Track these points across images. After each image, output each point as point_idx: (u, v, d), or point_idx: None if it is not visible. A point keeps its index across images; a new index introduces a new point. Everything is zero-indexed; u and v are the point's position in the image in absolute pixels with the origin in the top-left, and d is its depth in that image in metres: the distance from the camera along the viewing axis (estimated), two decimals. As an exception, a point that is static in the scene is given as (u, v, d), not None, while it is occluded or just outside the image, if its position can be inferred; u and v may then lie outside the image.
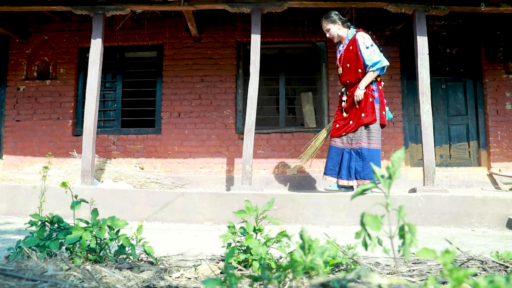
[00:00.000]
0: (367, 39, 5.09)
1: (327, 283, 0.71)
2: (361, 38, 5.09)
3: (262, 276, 0.83)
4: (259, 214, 1.99)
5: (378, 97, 5.09)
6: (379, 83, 5.16)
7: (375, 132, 5.08)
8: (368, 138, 5.05)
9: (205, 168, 7.70)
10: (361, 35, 5.12)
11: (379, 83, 5.15)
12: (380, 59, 4.98)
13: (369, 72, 5.02)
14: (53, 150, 7.83)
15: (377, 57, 4.97)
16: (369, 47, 5.02)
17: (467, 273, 0.74)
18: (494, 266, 2.16)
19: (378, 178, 0.80)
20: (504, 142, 7.59)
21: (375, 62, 4.96)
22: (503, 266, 2.11)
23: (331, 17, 5.29)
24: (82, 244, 1.76)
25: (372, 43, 5.07)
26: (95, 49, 5.99)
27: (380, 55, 5.03)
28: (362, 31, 5.21)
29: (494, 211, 4.92)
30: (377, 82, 5.12)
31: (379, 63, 4.96)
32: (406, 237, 0.77)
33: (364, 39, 5.08)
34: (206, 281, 0.85)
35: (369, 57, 4.99)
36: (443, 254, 0.76)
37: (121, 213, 5.19)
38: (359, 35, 5.13)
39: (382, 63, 4.99)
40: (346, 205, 5.03)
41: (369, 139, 5.05)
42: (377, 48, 5.07)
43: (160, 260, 1.96)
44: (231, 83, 7.86)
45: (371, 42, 5.09)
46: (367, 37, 5.13)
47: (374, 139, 5.07)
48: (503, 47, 7.81)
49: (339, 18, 5.31)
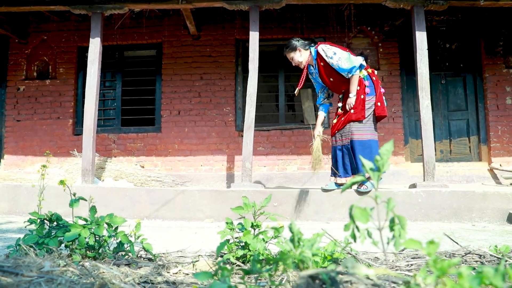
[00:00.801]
0: (327, 50, 4.88)
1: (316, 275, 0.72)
2: (323, 52, 4.90)
3: (252, 270, 0.84)
4: (256, 210, 2.00)
5: (372, 90, 4.94)
6: (372, 74, 5.00)
7: (368, 124, 4.95)
8: (359, 130, 4.94)
9: (205, 166, 7.71)
10: (321, 49, 4.94)
11: (372, 74, 5.00)
12: (349, 65, 4.77)
13: (350, 78, 4.85)
14: (54, 149, 7.85)
15: (345, 63, 4.77)
16: (333, 57, 4.82)
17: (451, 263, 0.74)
18: (492, 260, 2.17)
19: (367, 171, 0.81)
20: (504, 136, 7.59)
21: (346, 69, 4.78)
22: (500, 259, 2.12)
23: (290, 45, 5.09)
24: (80, 241, 1.77)
25: (334, 51, 4.84)
26: (94, 48, 6.00)
27: (347, 59, 4.79)
28: (320, 44, 5.01)
29: (495, 206, 4.93)
30: (370, 74, 4.98)
31: (352, 68, 4.78)
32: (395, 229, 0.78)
33: (325, 52, 4.89)
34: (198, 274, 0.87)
35: (338, 66, 4.80)
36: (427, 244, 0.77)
37: (122, 211, 5.21)
38: (320, 50, 4.95)
39: (354, 65, 4.78)
40: (346, 201, 5.05)
41: (360, 130, 4.94)
42: (340, 53, 4.82)
43: (158, 257, 1.97)
44: (230, 80, 7.87)
45: (332, 50, 4.85)
46: (326, 47, 4.91)
47: (367, 130, 4.94)
48: (503, 42, 7.80)
49: (300, 43, 5.07)
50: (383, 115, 4.99)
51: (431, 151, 5.55)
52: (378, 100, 4.92)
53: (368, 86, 4.92)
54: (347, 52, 4.87)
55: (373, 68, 5.05)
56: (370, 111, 4.95)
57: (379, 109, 4.93)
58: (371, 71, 5.02)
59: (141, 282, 1.33)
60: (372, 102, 4.94)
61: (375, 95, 4.93)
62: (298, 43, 5.07)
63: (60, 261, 1.26)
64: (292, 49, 5.08)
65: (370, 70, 5.03)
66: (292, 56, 5.11)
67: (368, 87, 4.92)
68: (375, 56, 7.87)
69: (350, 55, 4.85)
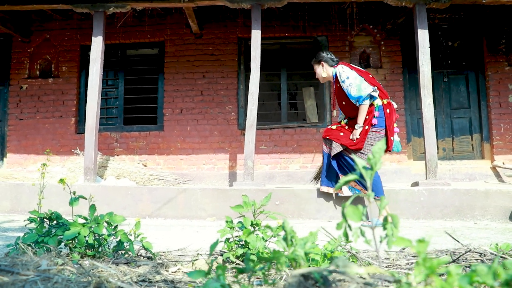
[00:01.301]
0: (342, 73, 4.59)
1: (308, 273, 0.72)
2: (338, 74, 4.63)
3: (246, 268, 0.84)
4: (256, 208, 2.00)
5: (381, 122, 4.56)
6: (387, 106, 4.58)
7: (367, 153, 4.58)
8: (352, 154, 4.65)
9: (207, 164, 7.71)
10: (337, 71, 4.67)
11: (386, 106, 4.58)
12: (357, 93, 4.48)
13: (359, 106, 4.55)
14: (56, 148, 7.87)
15: (354, 91, 4.48)
16: (345, 81, 4.54)
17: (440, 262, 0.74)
18: (492, 258, 2.16)
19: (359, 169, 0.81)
20: (507, 134, 7.57)
21: (354, 96, 4.50)
22: (501, 258, 2.12)
23: (318, 56, 4.85)
24: (80, 240, 1.77)
25: (347, 75, 4.54)
26: (96, 47, 6.01)
27: (358, 87, 4.48)
28: (340, 64, 4.71)
29: (497, 204, 4.91)
30: (384, 106, 4.57)
31: (359, 98, 4.47)
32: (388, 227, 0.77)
33: (340, 74, 4.61)
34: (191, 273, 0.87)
35: (348, 92, 4.54)
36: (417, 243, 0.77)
37: (124, 210, 5.22)
38: (337, 71, 4.67)
39: (361, 95, 4.47)
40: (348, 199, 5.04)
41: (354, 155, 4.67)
42: (353, 78, 4.52)
43: (158, 255, 1.97)
44: (232, 79, 7.87)
45: (346, 74, 4.55)
46: (342, 70, 4.61)
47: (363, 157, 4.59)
48: (505, 39, 7.78)
49: (327, 58, 4.80)
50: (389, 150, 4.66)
51: (433, 149, 5.54)
52: (391, 135, 4.59)
53: (377, 117, 4.55)
54: (361, 78, 4.53)
55: (389, 101, 4.63)
56: (375, 142, 4.56)
57: (391, 146, 4.63)
58: (387, 102, 4.59)
59: (139, 281, 1.33)
60: (380, 134, 4.60)
61: (384, 127, 4.57)
62: (325, 57, 4.80)
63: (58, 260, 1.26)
64: (316, 62, 4.88)
65: (386, 101, 4.59)
66: (316, 68, 4.91)
67: (377, 118, 4.55)
68: (378, 54, 7.85)
69: (363, 82, 4.50)
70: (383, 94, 4.62)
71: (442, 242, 3.25)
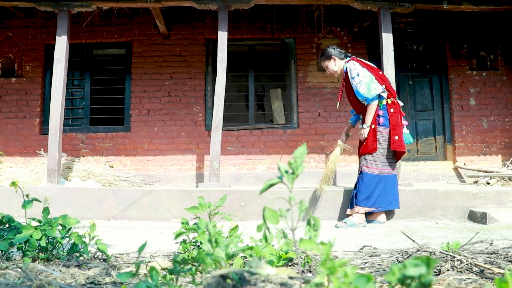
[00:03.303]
0: (353, 69, 4.59)
1: (226, 274, 0.75)
2: (349, 70, 4.64)
3: (174, 269, 0.86)
4: (211, 210, 2.02)
5: (386, 121, 4.56)
6: (391, 105, 4.59)
7: (379, 157, 4.59)
8: (369, 162, 4.60)
9: (175, 166, 7.68)
10: (349, 66, 4.67)
11: (390, 105, 4.59)
12: (366, 92, 4.49)
13: (367, 106, 4.57)
14: (20, 149, 7.71)
15: (363, 89, 4.49)
16: (355, 77, 4.55)
17: (340, 263, 0.78)
18: (441, 256, 2.23)
19: (282, 173, 0.84)
20: (468, 136, 7.79)
21: (362, 95, 4.51)
22: (450, 256, 2.19)
23: (326, 53, 4.83)
24: (32, 243, 1.76)
25: (357, 72, 4.54)
26: (60, 46, 5.91)
27: (367, 86, 4.49)
28: (352, 60, 4.73)
29: (457, 204, 5.05)
30: (388, 105, 4.58)
31: (367, 98, 4.50)
32: (306, 229, 0.81)
33: (350, 70, 4.62)
34: (120, 274, 0.88)
35: (356, 89, 4.55)
36: (322, 245, 0.80)
37: (88, 211, 5.16)
38: (348, 66, 4.68)
39: (368, 96, 4.49)
40: (307, 200, 5.11)
41: (370, 163, 4.60)
42: (363, 76, 4.53)
43: (113, 257, 1.97)
44: (200, 80, 7.86)
45: (356, 71, 4.56)
46: (353, 66, 4.62)
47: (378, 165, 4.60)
48: (467, 44, 8.01)
49: (336, 52, 4.81)
50: (400, 150, 4.62)
51: (396, 151, 5.66)
52: (395, 134, 4.55)
53: (382, 115, 4.56)
54: (371, 76, 4.55)
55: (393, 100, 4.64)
56: (383, 144, 4.60)
57: (395, 144, 4.56)
58: (391, 102, 4.61)
59: (88, 283, 1.34)
60: (385, 134, 4.59)
61: (389, 127, 4.57)
62: (334, 51, 4.81)
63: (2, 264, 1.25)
64: (327, 57, 4.83)
65: (390, 100, 4.60)
66: (327, 64, 4.86)
67: (382, 116, 4.56)
68: (344, 57, 7.96)
69: (374, 81, 4.52)
70: (390, 93, 4.65)
71: (401, 242, 3.34)
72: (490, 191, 5.14)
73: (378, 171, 4.59)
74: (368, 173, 4.59)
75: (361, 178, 4.63)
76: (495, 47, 8.03)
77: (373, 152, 4.56)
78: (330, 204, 5.10)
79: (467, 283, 1.70)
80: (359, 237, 3.68)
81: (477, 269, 1.92)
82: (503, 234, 3.66)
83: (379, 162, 4.60)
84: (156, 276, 0.80)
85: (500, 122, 7.83)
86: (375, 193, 4.59)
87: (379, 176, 4.59)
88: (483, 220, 4.61)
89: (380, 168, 4.59)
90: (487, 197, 5.07)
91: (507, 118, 7.84)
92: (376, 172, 4.58)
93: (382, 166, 4.60)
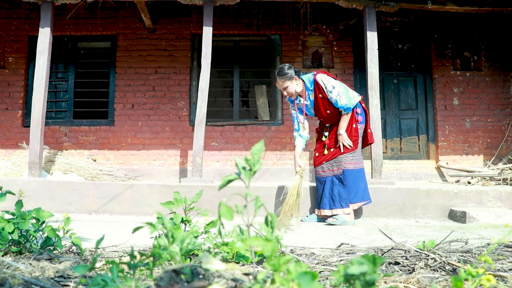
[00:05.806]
0: (327, 83, 4.50)
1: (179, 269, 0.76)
2: (322, 84, 4.52)
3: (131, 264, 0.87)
4: (187, 205, 2.02)
5: (363, 118, 4.68)
6: (361, 102, 4.69)
7: (357, 152, 4.69)
8: (351, 159, 4.64)
9: (158, 160, 7.66)
10: (320, 80, 4.54)
11: (361, 102, 4.69)
12: (347, 102, 4.45)
13: (344, 115, 4.55)
14: (2, 141, 7.63)
15: (344, 100, 4.44)
16: (332, 91, 4.46)
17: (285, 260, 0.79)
18: (416, 254, 2.27)
19: (239, 170, 0.85)
20: (451, 136, 7.88)
21: (343, 105, 4.47)
22: (424, 254, 2.22)
23: (286, 73, 4.54)
24: (4, 236, 1.75)
25: (332, 85, 4.48)
26: (43, 38, 5.85)
27: (346, 96, 4.47)
28: (318, 74, 4.62)
29: (438, 203, 5.11)
30: (360, 102, 4.68)
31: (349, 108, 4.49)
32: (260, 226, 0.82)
33: (324, 84, 4.51)
34: (76, 267, 0.89)
35: (336, 101, 4.47)
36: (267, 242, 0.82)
37: (70, 205, 5.14)
38: (319, 81, 4.54)
39: (352, 104, 4.48)
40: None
41: (352, 159, 4.64)
42: (338, 87, 4.49)
43: (86, 251, 1.97)
44: (185, 75, 7.84)
45: (331, 84, 4.49)
46: (326, 80, 4.54)
47: (358, 159, 4.68)
48: (451, 44, 8.09)
49: (294, 72, 4.59)
50: (372, 142, 4.88)
51: (379, 149, 5.71)
52: (368, 127, 4.78)
53: (359, 113, 4.64)
54: (343, 86, 4.56)
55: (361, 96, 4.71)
56: (360, 139, 4.70)
57: (370, 136, 4.80)
58: (361, 97, 4.68)
59: (57, 276, 1.34)
60: (362, 129, 4.71)
61: (365, 123, 4.71)
62: (293, 71, 4.57)
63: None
64: (289, 78, 4.54)
65: (359, 97, 4.66)
66: (288, 85, 4.57)
67: (360, 114, 4.64)
68: (330, 54, 8.00)
69: (349, 90, 4.57)
70: None
71: (380, 240, 3.37)
72: (470, 190, 5.20)
73: (359, 165, 4.71)
74: (354, 169, 4.66)
75: (344, 177, 4.64)
76: (479, 48, 8.12)
77: (355, 150, 4.65)
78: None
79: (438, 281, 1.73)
80: (339, 235, 3.72)
81: (450, 268, 1.95)
82: (480, 233, 3.72)
83: (357, 156, 4.71)
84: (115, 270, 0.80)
85: (482, 122, 7.93)
86: (361, 187, 4.69)
87: (361, 169, 4.72)
88: (463, 219, 4.67)
89: (360, 162, 4.73)
90: (468, 196, 5.13)
91: (489, 119, 7.94)
92: (358, 167, 4.69)
93: (360, 160, 4.74)
